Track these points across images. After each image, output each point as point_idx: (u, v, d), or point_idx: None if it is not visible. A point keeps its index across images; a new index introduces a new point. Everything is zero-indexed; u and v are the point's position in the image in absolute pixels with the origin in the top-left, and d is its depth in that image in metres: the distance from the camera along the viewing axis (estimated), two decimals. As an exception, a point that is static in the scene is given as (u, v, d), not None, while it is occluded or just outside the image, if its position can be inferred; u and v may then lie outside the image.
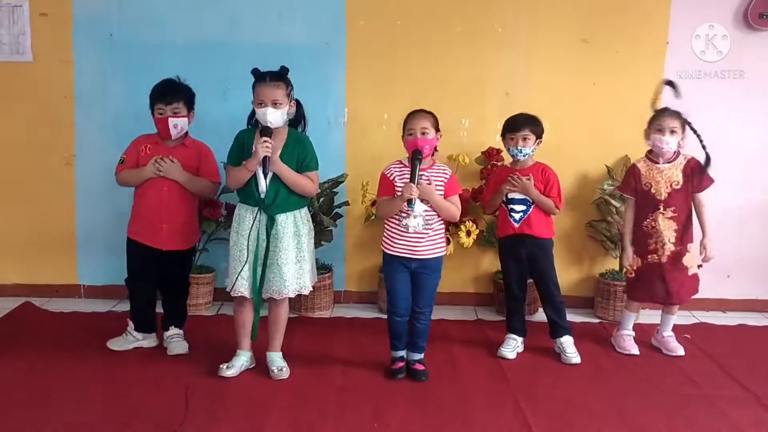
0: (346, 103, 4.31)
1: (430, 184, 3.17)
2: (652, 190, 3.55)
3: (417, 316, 3.29)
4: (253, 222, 3.15)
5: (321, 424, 2.81)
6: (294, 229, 3.20)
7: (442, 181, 3.21)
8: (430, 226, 3.18)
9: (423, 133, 3.15)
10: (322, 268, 4.23)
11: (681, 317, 4.14)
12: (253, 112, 3.20)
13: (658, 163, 3.57)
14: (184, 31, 4.24)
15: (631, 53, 4.23)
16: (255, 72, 3.14)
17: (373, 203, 4.12)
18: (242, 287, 3.16)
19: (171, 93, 3.37)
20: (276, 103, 3.08)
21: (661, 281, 3.56)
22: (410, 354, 3.34)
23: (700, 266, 3.63)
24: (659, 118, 3.54)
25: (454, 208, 3.21)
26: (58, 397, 3.00)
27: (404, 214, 3.17)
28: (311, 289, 3.32)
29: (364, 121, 4.30)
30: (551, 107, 4.14)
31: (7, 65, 4.30)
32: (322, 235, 4.12)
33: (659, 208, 3.54)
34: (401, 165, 3.25)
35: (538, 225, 3.50)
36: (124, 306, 3.79)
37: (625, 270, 3.70)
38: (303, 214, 3.26)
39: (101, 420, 2.80)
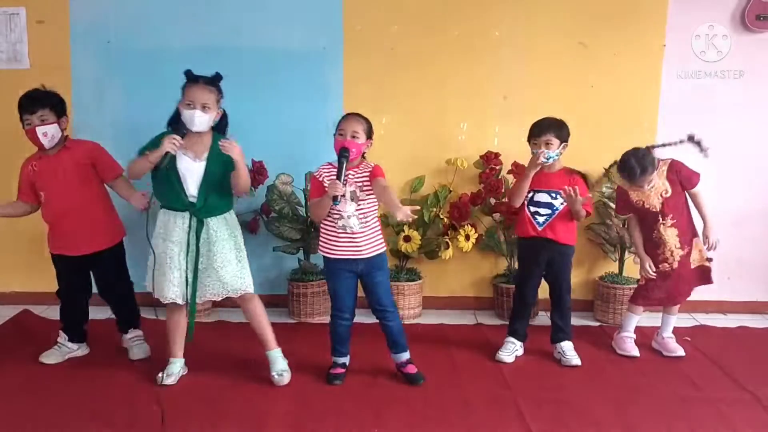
0: (343, 108, 4.30)
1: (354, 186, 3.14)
2: (646, 205, 3.55)
3: (384, 316, 3.26)
4: (183, 226, 3.10)
5: (321, 430, 2.80)
6: (228, 231, 3.17)
7: (366, 173, 3.16)
8: (366, 224, 3.16)
9: (353, 137, 3.12)
10: (321, 274, 4.23)
11: (681, 319, 4.14)
12: (175, 115, 3.15)
13: None
14: (182, 37, 4.24)
15: (629, 56, 4.23)
16: (188, 73, 3.11)
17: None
18: (172, 293, 3.12)
19: (33, 102, 3.31)
20: (205, 107, 3.06)
21: (670, 285, 3.58)
22: (396, 356, 3.32)
23: (710, 260, 3.63)
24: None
25: (388, 189, 3.10)
26: (58, 405, 2.99)
27: (337, 215, 3.14)
28: (252, 287, 3.26)
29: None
30: (549, 110, 4.11)
31: (4, 73, 4.30)
32: (317, 241, 4.11)
33: (659, 220, 3.54)
34: (330, 166, 3.20)
35: (561, 230, 3.48)
36: (59, 316, 3.73)
37: (639, 279, 3.69)
38: (232, 216, 3.25)
39: (102, 427, 2.79)
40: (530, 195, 3.52)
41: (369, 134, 3.20)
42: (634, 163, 3.40)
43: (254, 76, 4.22)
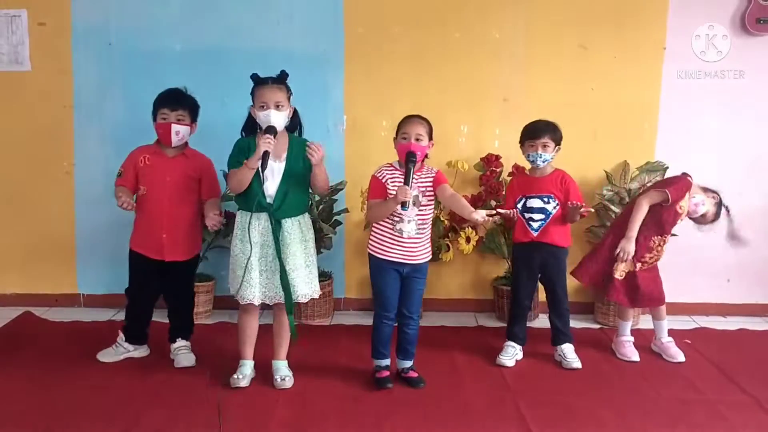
0: (344, 110, 4.32)
1: (423, 194, 3.16)
2: (681, 219, 3.54)
3: (407, 322, 3.28)
4: (259, 227, 3.12)
5: (322, 433, 2.81)
6: (300, 234, 3.19)
7: (430, 180, 3.18)
8: (423, 230, 3.18)
9: (417, 139, 3.13)
10: (322, 276, 4.23)
11: (681, 322, 4.16)
12: (248, 121, 3.19)
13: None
14: (183, 39, 4.25)
15: (629, 59, 4.24)
16: (255, 77, 3.14)
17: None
18: (250, 294, 3.14)
19: (177, 100, 3.37)
20: (279, 105, 3.09)
21: (638, 288, 3.58)
22: (401, 362, 3.34)
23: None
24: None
25: (456, 195, 3.17)
26: (58, 407, 2.98)
27: (397, 218, 3.15)
28: (320, 293, 3.31)
29: (362, 128, 4.31)
30: (549, 113, 4.12)
31: (5, 75, 4.30)
32: (321, 242, 4.12)
33: (670, 233, 3.57)
34: (392, 168, 3.22)
35: (555, 233, 3.49)
36: (124, 315, 3.77)
37: (618, 267, 3.62)
38: (307, 220, 3.26)
39: (102, 430, 2.79)
40: (522, 201, 3.52)
41: (431, 135, 3.21)
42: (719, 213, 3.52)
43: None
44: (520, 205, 3.53)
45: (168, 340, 3.56)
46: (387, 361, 3.32)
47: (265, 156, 3.01)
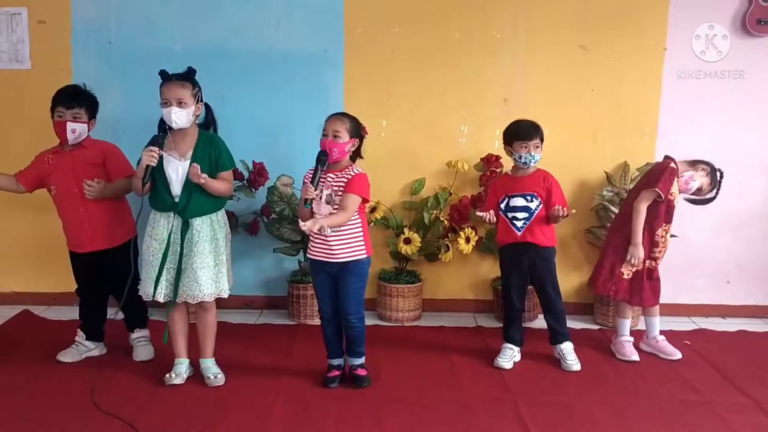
0: (344, 109, 4.30)
1: (331, 192, 3.10)
2: (675, 202, 3.55)
3: (345, 324, 3.23)
4: (168, 226, 3.11)
5: (320, 432, 2.80)
6: (211, 233, 3.16)
7: (345, 180, 3.10)
8: (340, 229, 3.09)
9: (335, 136, 3.09)
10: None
11: (680, 323, 4.16)
12: (161, 120, 3.17)
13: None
14: (183, 38, 4.24)
15: (629, 59, 4.23)
16: (162, 73, 3.11)
17: (373, 209, 4.12)
18: (151, 291, 3.13)
19: (73, 98, 3.35)
20: (181, 102, 3.05)
21: (641, 286, 3.59)
22: (350, 359, 3.31)
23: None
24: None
25: (340, 210, 3.05)
26: (55, 406, 2.99)
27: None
28: (229, 292, 3.26)
29: (362, 128, 4.30)
30: (550, 113, 4.15)
31: (5, 73, 4.30)
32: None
33: (671, 222, 3.56)
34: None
35: (540, 233, 3.48)
36: (78, 315, 3.73)
37: (630, 267, 3.63)
38: (220, 218, 3.23)
39: (98, 428, 2.79)
40: (506, 201, 3.51)
41: (354, 133, 3.14)
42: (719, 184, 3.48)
43: (255, 77, 4.22)
44: (503, 205, 3.51)
45: (127, 330, 3.59)
46: (337, 360, 3.31)
47: (147, 169, 3.01)
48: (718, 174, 3.56)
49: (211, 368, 3.27)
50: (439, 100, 4.27)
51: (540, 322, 3.97)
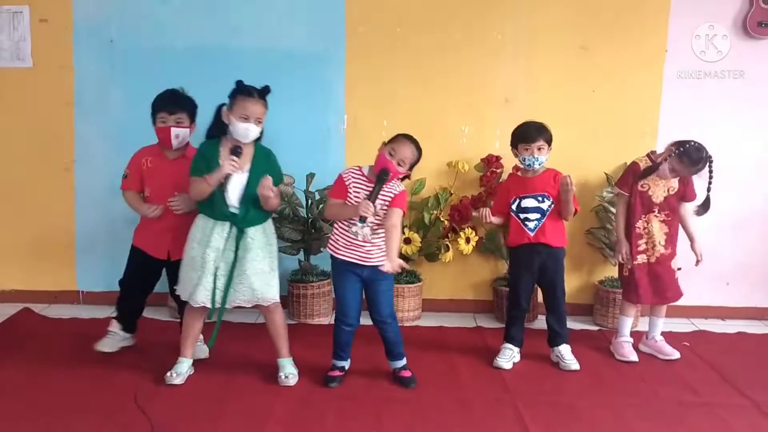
0: (345, 110, 4.31)
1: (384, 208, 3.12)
2: (649, 192, 3.57)
3: (383, 327, 3.24)
4: (223, 233, 3.11)
5: (320, 431, 2.80)
6: (265, 239, 3.19)
7: (391, 194, 3.13)
8: (377, 235, 3.13)
9: (400, 164, 3.11)
10: (321, 275, 4.23)
11: (680, 324, 4.17)
12: (214, 124, 3.17)
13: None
14: (184, 37, 4.25)
15: (630, 60, 4.24)
16: (240, 84, 3.11)
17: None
18: (203, 297, 3.12)
19: (175, 102, 3.36)
20: (259, 121, 3.10)
21: (651, 282, 3.61)
22: (392, 363, 3.32)
23: (679, 269, 3.66)
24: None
25: (394, 229, 3.10)
26: (57, 404, 2.99)
27: (353, 222, 3.09)
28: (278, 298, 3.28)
29: (363, 128, 4.31)
30: (550, 114, 4.13)
31: (7, 71, 4.30)
32: (320, 242, 4.12)
33: (654, 211, 3.56)
34: (360, 173, 3.18)
35: (552, 234, 3.48)
36: (116, 305, 3.76)
37: (624, 265, 3.67)
38: (269, 225, 3.26)
39: (99, 427, 2.79)
40: (517, 202, 3.52)
41: (413, 166, 3.20)
42: (704, 156, 3.43)
43: (256, 76, 4.14)
44: (514, 206, 3.52)
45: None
46: (343, 363, 3.32)
47: (228, 178, 3.04)
48: (694, 156, 3.44)
49: (286, 367, 3.28)
50: (440, 101, 4.27)
51: (539, 323, 3.98)
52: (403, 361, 3.31)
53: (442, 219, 4.21)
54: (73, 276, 4.44)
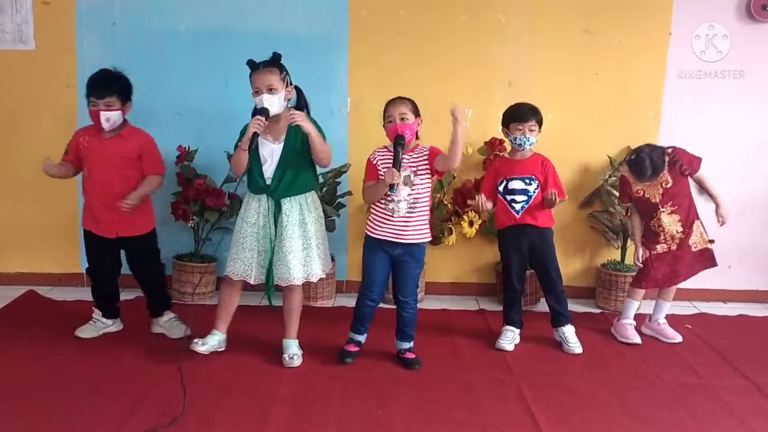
0: (348, 92, 4.31)
1: (415, 173, 3.17)
2: (646, 195, 3.59)
3: (402, 306, 3.31)
4: (259, 209, 3.19)
5: (325, 413, 2.83)
6: (300, 217, 3.21)
7: (424, 158, 3.20)
8: (413, 211, 3.18)
9: (402, 119, 3.15)
10: (325, 258, 4.25)
11: (682, 307, 4.18)
12: (256, 107, 3.20)
13: None
14: (187, 19, 4.23)
15: (634, 44, 4.23)
16: (250, 62, 3.15)
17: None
18: (243, 272, 3.20)
19: (103, 87, 3.35)
20: (271, 89, 3.10)
21: (669, 266, 3.63)
22: (400, 343, 3.36)
23: (712, 242, 3.68)
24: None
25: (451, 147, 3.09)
26: (62, 385, 3.01)
27: (389, 198, 3.18)
28: (323, 276, 3.34)
29: (366, 110, 4.29)
30: (554, 97, 4.15)
31: (9, 53, 4.29)
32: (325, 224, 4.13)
33: (658, 208, 3.57)
34: (385, 150, 3.26)
35: (540, 214, 3.51)
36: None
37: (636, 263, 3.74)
38: (310, 201, 3.27)
39: (105, 408, 2.82)
40: (504, 183, 3.53)
41: (416, 112, 3.23)
42: (648, 165, 3.44)
43: (260, 59, 4.20)
44: (501, 188, 3.54)
45: (151, 316, 3.63)
46: (360, 337, 3.37)
47: (254, 137, 3.05)
48: (636, 170, 3.49)
49: (291, 348, 3.31)
50: (444, 84, 4.26)
51: (542, 306, 4.00)
52: (411, 344, 3.35)
53: (445, 202, 4.21)
54: (78, 258, 4.44)
